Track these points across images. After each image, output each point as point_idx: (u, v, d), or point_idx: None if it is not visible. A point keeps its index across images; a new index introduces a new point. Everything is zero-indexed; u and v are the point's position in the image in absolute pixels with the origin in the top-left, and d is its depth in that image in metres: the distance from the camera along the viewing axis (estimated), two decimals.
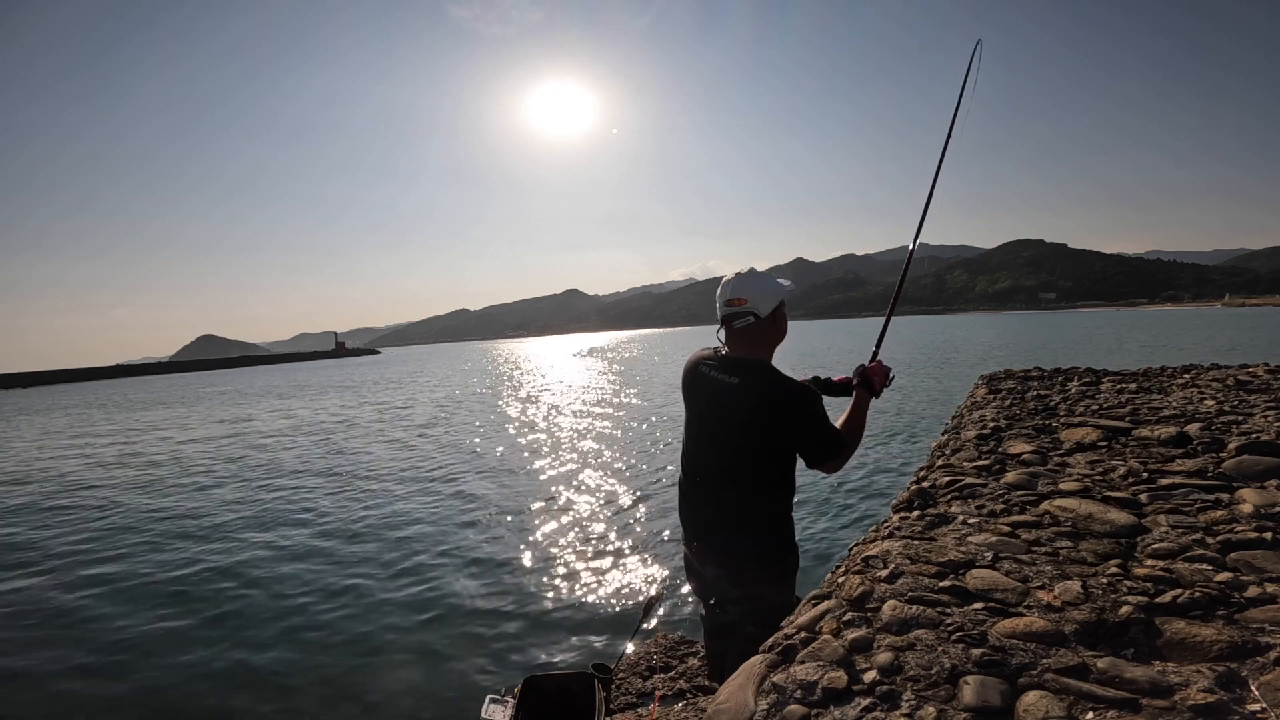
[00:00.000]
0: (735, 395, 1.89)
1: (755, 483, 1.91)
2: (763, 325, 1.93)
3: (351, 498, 8.81)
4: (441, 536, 6.80)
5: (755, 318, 1.90)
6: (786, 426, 1.85)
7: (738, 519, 1.93)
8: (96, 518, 8.48)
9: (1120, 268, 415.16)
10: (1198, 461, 1.73)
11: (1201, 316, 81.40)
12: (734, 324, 1.93)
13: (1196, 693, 0.77)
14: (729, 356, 1.98)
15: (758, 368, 1.91)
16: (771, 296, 1.92)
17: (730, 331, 1.97)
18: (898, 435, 10.81)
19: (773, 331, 1.98)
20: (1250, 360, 3.20)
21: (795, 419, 1.84)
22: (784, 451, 1.90)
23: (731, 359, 1.96)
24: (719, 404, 1.94)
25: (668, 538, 6.28)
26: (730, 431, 1.91)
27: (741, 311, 1.91)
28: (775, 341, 2.01)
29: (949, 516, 1.48)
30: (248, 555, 6.52)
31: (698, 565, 2.05)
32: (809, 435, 1.85)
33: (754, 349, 1.97)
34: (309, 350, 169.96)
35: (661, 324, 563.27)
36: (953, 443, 2.20)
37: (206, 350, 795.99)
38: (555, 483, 9.09)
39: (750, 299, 1.91)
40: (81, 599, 5.57)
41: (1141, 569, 1.13)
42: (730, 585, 1.94)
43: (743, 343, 1.97)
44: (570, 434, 13.69)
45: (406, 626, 4.67)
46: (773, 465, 1.91)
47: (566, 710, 2.25)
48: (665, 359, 45.09)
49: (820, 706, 0.84)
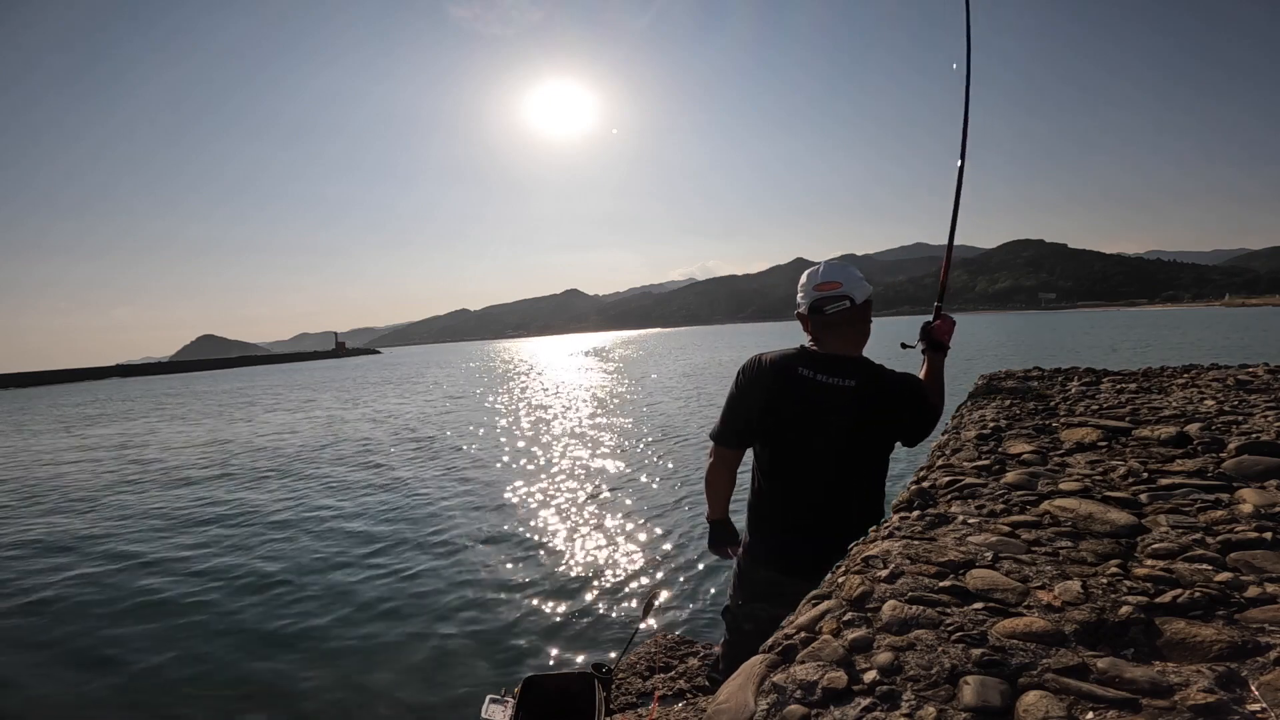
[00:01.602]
0: (855, 398, 1.79)
1: (870, 482, 1.86)
2: (858, 312, 1.84)
3: (348, 498, 8.80)
4: (441, 536, 6.80)
5: (851, 302, 1.82)
6: (903, 418, 1.83)
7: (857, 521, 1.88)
8: (85, 511, 8.48)
9: (1120, 268, 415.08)
10: (1198, 461, 1.73)
11: (1201, 316, 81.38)
12: (827, 309, 1.82)
13: (1196, 693, 0.77)
14: (830, 355, 1.85)
15: (869, 366, 1.84)
16: (863, 287, 1.85)
17: (821, 319, 1.85)
18: None
19: (865, 323, 1.90)
20: (1250, 360, 3.21)
21: (912, 410, 1.82)
22: (890, 446, 1.87)
23: (834, 358, 1.84)
24: (834, 409, 1.80)
25: (669, 538, 6.28)
26: (851, 436, 1.81)
27: (836, 295, 1.82)
28: (867, 336, 1.92)
29: (949, 516, 1.48)
30: (246, 554, 6.52)
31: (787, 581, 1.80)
32: (918, 421, 1.83)
33: (850, 342, 1.87)
34: (309, 350, 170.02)
35: (662, 324, 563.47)
36: (953, 443, 2.20)
37: (206, 350, 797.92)
38: (555, 483, 9.08)
39: (845, 283, 1.83)
40: (72, 598, 5.56)
41: (1141, 569, 1.13)
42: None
43: (838, 333, 1.86)
44: (571, 434, 13.69)
45: (406, 627, 4.67)
46: (880, 464, 1.88)
47: (566, 710, 2.25)
48: (666, 359, 45.03)
49: (820, 706, 0.84)
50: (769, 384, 1.90)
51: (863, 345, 1.91)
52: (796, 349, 1.92)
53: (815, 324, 1.88)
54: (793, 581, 1.91)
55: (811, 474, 1.86)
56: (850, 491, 1.83)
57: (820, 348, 1.88)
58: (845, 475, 1.83)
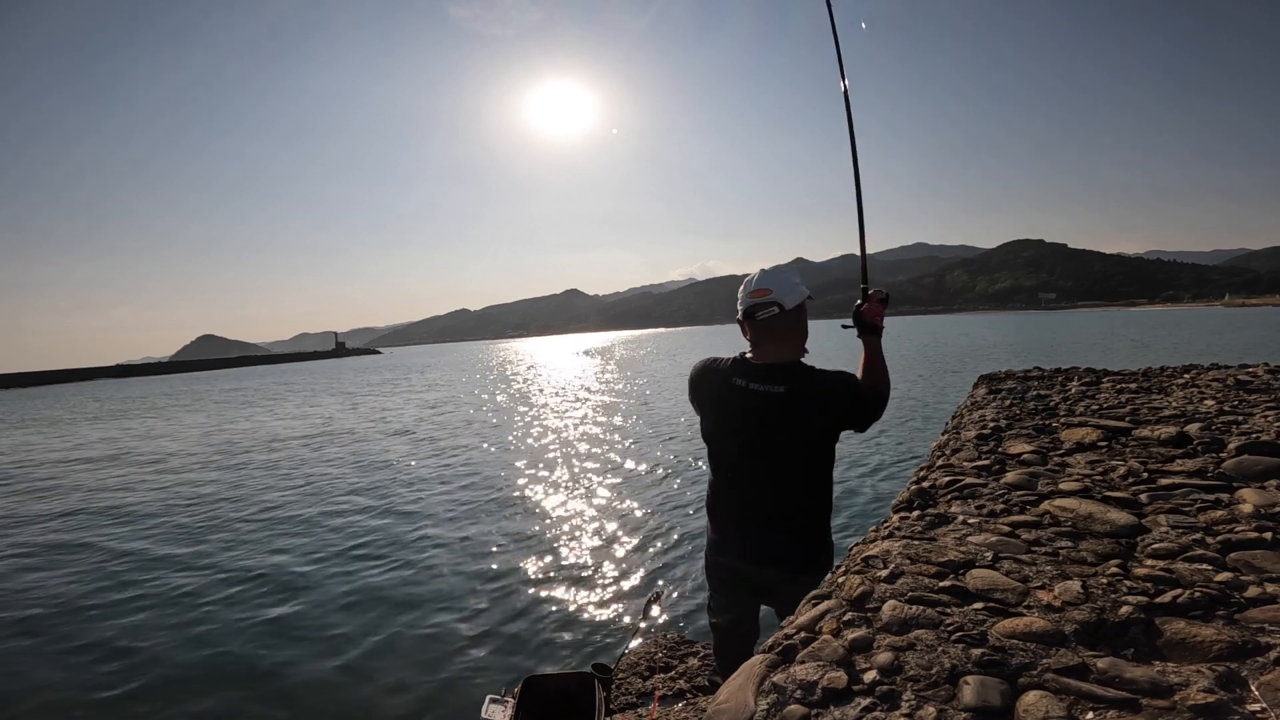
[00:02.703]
0: (786, 403, 1.86)
1: (808, 479, 1.93)
2: (788, 318, 1.90)
3: (348, 498, 8.80)
4: (441, 536, 6.80)
5: (780, 309, 1.88)
6: (839, 415, 1.88)
7: (794, 518, 1.93)
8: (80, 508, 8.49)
9: (1120, 268, 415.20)
10: (1198, 461, 1.73)
11: (1201, 316, 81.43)
12: (758, 315, 1.90)
13: (1196, 693, 0.77)
14: (762, 364, 1.93)
15: (797, 370, 1.90)
16: (796, 293, 1.90)
17: (754, 325, 1.93)
18: (898, 435, 10.81)
19: (798, 327, 1.95)
20: (1250, 360, 3.20)
21: (844, 405, 1.87)
22: (831, 440, 1.93)
23: (765, 366, 1.92)
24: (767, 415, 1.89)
25: (668, 537, 6.28)
26: (784, 438, 1.89)
27: (766, 302, 1.89)
28: (801, 339, 1.97)
29: (949, 516, 1.48)
30: (244, 554, 6.52)
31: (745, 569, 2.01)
32: (857, 412, 1.89)
33: (783, 347, 1.93)
34: (309, 350, 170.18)
35: (662, 324, 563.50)
36: (953, 443, 2.20)
37: (207, 350, 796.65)
38: (555, 483, 9.09)
39: (775, 290, 1.89)
40: (62, 596, 5.57)
41: (1141, 569, 1.13)
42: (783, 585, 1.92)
43: (770, 339, 1.93)
44: (571, 434, 13.69)
45: (406, 627, 4.67)
46: (823, 459, 1.94)
47: (566, 710, 2.25)
48: (666, 359, 45.08)
49: (820, 706, 0.84)
50: (707, 392, 2.04)
51: (796, 348, 1.96)
52: (734, 358, 2.02)
53: (749, 329, 1.96)
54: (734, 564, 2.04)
55: (751, 472, 1.96)
56: (787, 487, 1.92)
57: (756, 352, 1.97)
58: (783, 472, 1.91)
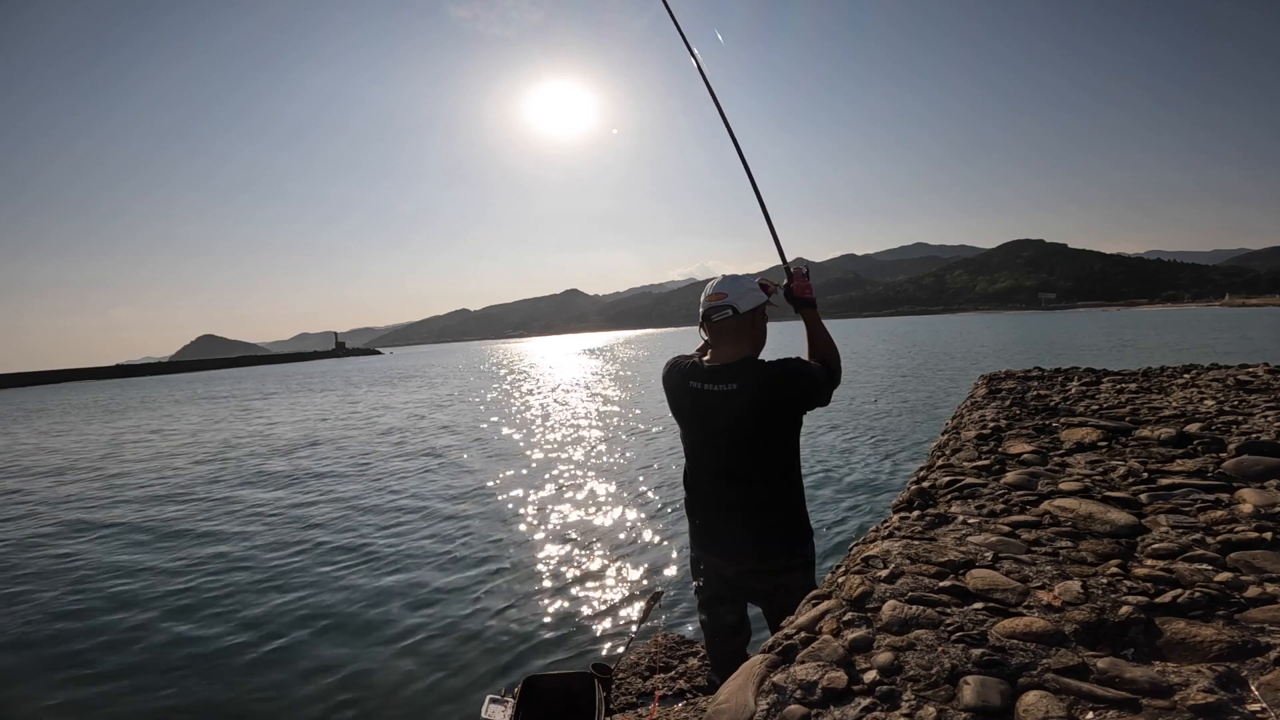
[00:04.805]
0: (738, 400, 1.94)
1: (772, 473, 1.99)
2: (741, 320, 1.98)
3: (346, 497, 8.81)
4: (441, 536, 6.80)
5: (734, 311, 1.97)
6: (794, 397, 1.95)
7: (760, 512, 1.98)
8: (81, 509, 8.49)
9: (1120, 268, 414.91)
10: (1198, 461, 1.73)
11: (1201, 316, 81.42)
12: (713, 317, 2.00)
13: (1196, 693, 0.77)
14: (716, 365, 2.02)
15: (748, 366, 1.97)
16: (750, 298, 1.99)
17: (710, 327, 2.03)
18: (898, 435, 10.81)
19: (753, 329, 2.03)
20: (1250, 360, 3.20)
21: (797, 387, 1.93)
22: (793, 428, 1.99)
23: (719, 367, 2.00)
24: (722, 413, 1.97)
25: (668, 537, 6.28)
26: (741, 433, 1.97)
27: (720, 305, 1.98)
28: (756, 340, 2.06)
29: (949, 516, 1.48)
30: (244, 554, 6.52)
31: (719, 565, 2.10)
32: (811, 392, 1.95)
33: (738, 347, 2.01)
34: (309, 350, 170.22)
35: (662, 324, 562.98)
36: (953, 443, 2.20)
37: (207, 350, 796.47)
38: (555, 483, 9.09)
39: (730, 294, 1.99)
40: (55, 597, 5.57)
41: (1141, 569, 1.13)
42: (757, 580, 2.01)
43: (724, 340, 2.02)
44: (570, 434, 13.70)
45: (406, 627, 4.67)
46: (785, 451, 2.00)
47: (566, 710, 2.25)
48: (665, 359, 45.08)
49: (820, 706, 0.84)
50: (671, 395, 2.19)
51: (747, 348, 2.04)
52: (691, 361, 2.14)
53: (706, 330, 2.08)
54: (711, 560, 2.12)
55: (716, 470, 2.07)
56: (753, 482, 1.99)
57: (713, 351, 2.08)
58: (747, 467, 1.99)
